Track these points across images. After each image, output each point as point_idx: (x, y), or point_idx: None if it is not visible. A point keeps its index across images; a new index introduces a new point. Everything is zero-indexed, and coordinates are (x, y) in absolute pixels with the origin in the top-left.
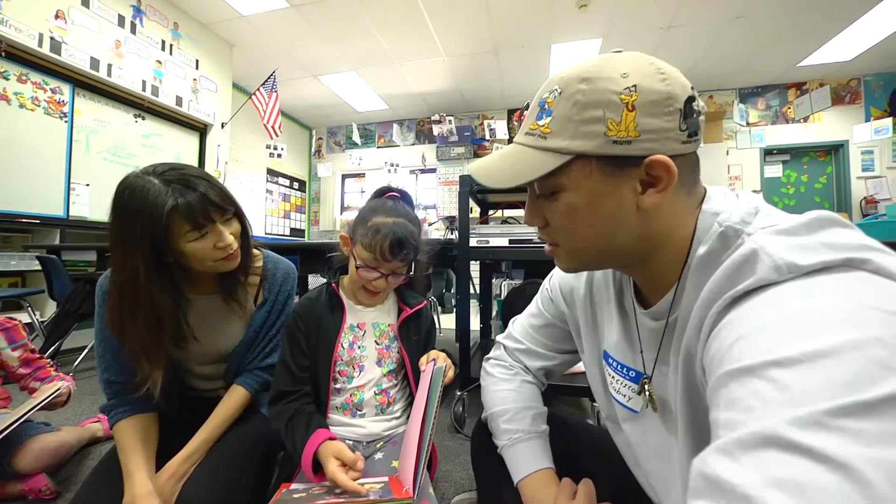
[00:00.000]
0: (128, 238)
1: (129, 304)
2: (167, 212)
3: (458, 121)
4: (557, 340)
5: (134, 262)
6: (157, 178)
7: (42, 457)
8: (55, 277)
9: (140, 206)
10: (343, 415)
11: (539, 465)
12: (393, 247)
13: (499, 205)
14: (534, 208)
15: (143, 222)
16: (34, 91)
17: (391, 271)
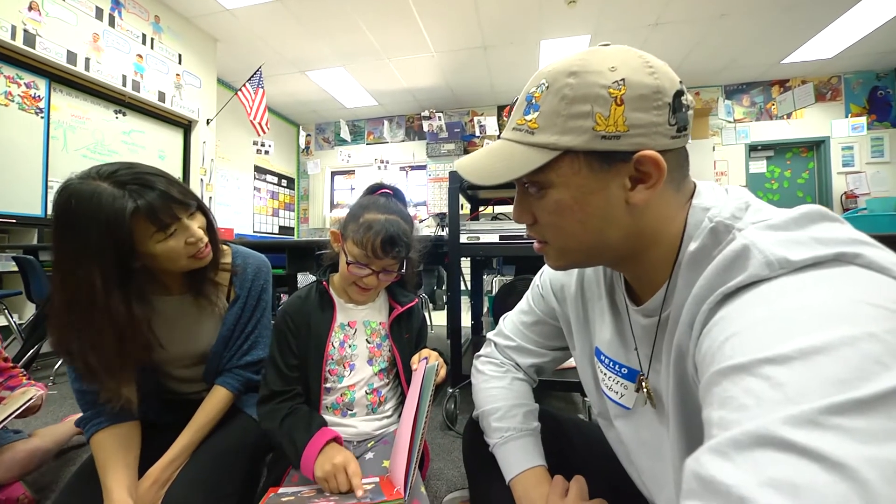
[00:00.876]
0: (79, 250)
1: (83, 322)
2: (129, 216)
3: (447, 117)
4: (548, 337)
5: (88, 276)
6: (106, 182)
7: (12, 466)
8: (32, 279)
9: (93, 214)
10: (334, 415)
11: (530, 463)
12: (385, 244)
13: (489, 201)
14: (522, 205)
15: (99, 231)
16: (7, 85)
17: (382, 268)
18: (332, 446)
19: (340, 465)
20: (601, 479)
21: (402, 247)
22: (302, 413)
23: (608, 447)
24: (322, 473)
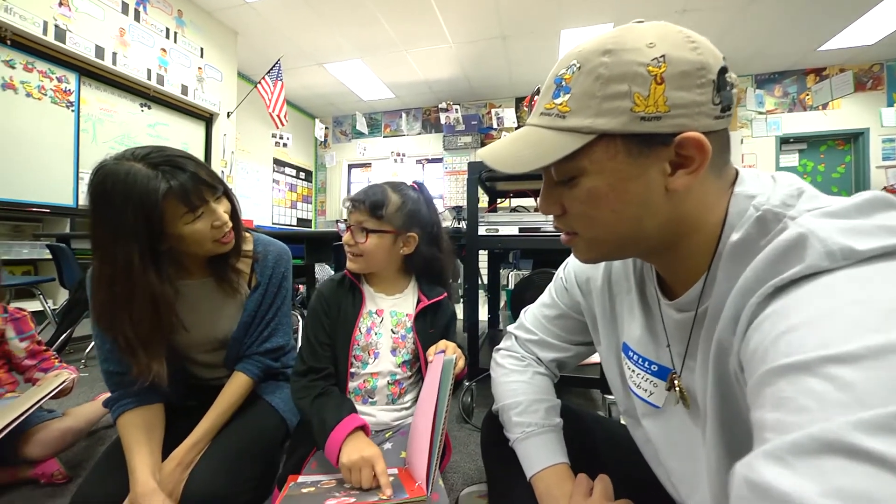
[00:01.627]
0: (116, 228)
1: (124, 298)
2: (161, 196)
3: (464, 109)
4: (571, 332)
5: (127, 253)
6: (139, 163)
7: (48, 444)
8: (65, 266)
9: (128, 194)
10: (355, 401)
11: (553, 460)
12: (355, 197)
13: (507, 193)
14: (550, 195)
15: (134, 210)
16: (40, 80)
17: (354, 223)
18: (360, 435)
19: (368, 460)
20: (626, 478)
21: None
22: (334, 395)
23: (633, 446)
24: (348, 462)
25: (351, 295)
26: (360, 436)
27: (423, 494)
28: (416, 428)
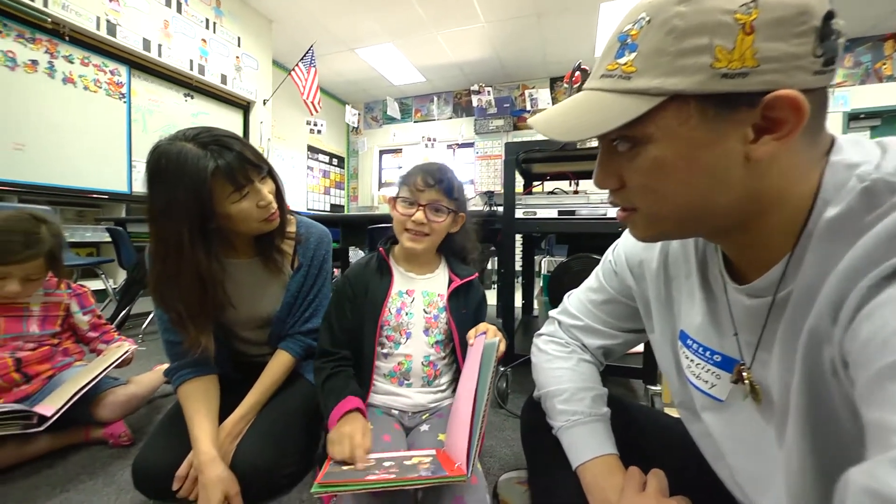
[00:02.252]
0: (169, 205)
1: (174, 273)
2: (210, 175)
3: (496, 92)
4: (620, 318)
5: (177, 230)
6: (190, 143)
7: (115, 408)
8: (122, 248)
9: (180, 172)
10: (391, 383)
11: (601, 451)
12: (426, 175)
13: (544, 176)
14: (607, 166)
15: (185, 188)
16: (96, 73)
17: (428, 202)
18: (353, 416)
19: (346, 434)
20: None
21: (446, 181)
22: (340, 377)
23: (688, 440)
24: (330, 437)
25: (379, 275)
26: (352, 416)
27: (463, 474)
28: (457, 410)
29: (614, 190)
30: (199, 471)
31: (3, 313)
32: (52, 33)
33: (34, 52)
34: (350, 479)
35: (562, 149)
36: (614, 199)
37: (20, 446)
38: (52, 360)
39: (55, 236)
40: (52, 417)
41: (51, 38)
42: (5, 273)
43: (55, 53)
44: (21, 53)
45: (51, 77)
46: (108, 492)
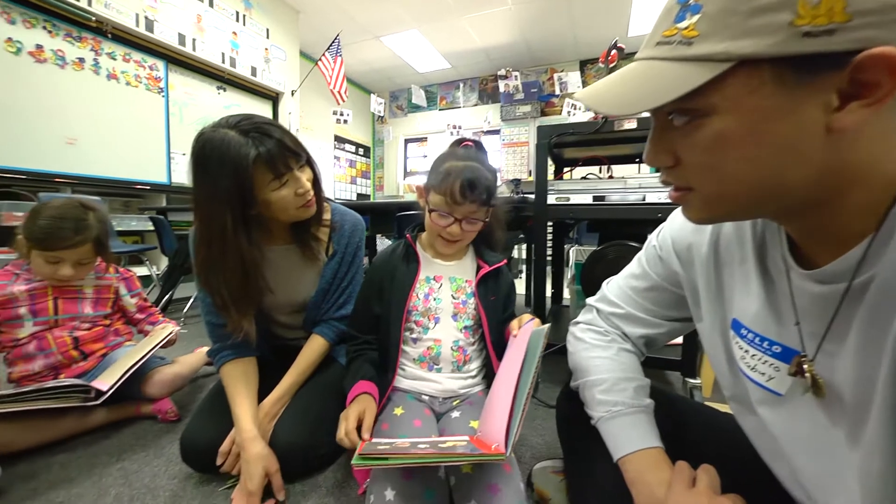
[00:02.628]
0: (213, 192)
1: (217, 258)
2: (251, 162)
3: (523, 77)
4: (665, 306)
5: (221, 216)
6: (232, 130)
7: (163, 385)
8: (164, 235)
9: (223, 159)
10: (420, 367)
11: (646, 443)
12: (464, 188)
13: (576, 162)
14: (661, 142)
15: (227, 175)
16: (136, 69)
17: (465, 216)
18: (361, 398)
19: (343, 415)
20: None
21: (483, 191)
22: (360, 361)
23: (739, 436)
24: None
25: (406, 262)
26: (359, 399)
27: (501, 453)
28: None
29: (668, 168)
30: (242, 448)
31: (60, 295)
32: (97, 31)
33: (81, 51)
34: (388, 452)
35: (596, 132)
36: (667, 177)
37: (81, 418)
38: (105, 339)
39: (101, 223)
40: (107, 392)
41: (95, 36)
42: (59, 258)
43: (99, 51)
44: (69, 52)
45: (96, 74)
46: (159, 463)
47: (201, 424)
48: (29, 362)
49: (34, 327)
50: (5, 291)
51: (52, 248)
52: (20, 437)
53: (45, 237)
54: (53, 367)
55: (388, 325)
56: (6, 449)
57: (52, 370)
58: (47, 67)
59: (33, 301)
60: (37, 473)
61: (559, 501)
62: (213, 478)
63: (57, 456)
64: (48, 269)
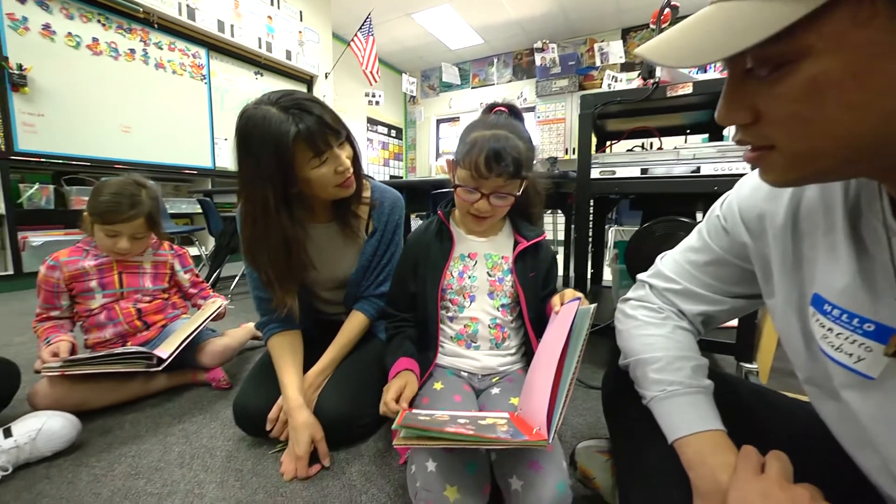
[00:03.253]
0: (256, 170)
1: (262, 235)
2: (291, 139)
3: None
4: (728, 281)
5: (264, 194)
6: (273, 106)
7: (214, 355)
8: (211, 217)
9: (264, 137)
10: (458, 345)
11: (706, 425)
12: (489, 160)
13: (620, 134)
14: (737, 96)
15: (269, 152)
16: (181, 57)
17: (493, 190)
18: (402, 374)
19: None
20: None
21: (510, 162)
22: (399, 339)
23: (811, 422)
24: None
25: (439, 240)
26: (402, 374)
27: (543, 439)
28: (537, 372)
29: (745, 126)
30: (289, 415)
31: (124, 270)
32: (144, 22)
33: (131, 42)
34: (429, 426)
35: (646, 99)
36: (743, 136)
37: (145, 382)
38: (164, 311)
39: (153, 199)
40: (167, 359)
41: (143, 27)
42: (116, 231)
43: (147, 41)
44: (121, 43)
45: (145, 63)
46: (215, 426)
47: (251, 392)
48: (101, 330)
49: (104, 299)
50: (77, 266)
51: (111, 222)
52: (95, 396)
53: (104, 212)
54: (122, 336)
55: (426, 304)
56: (84, 407)
57: (120, 338)
58: (103, 59)
59: (101, 275)
60: (111, 429)
61: (604, 482)
62: (263, 441)
63: (127, 415)
64: (108, 243)
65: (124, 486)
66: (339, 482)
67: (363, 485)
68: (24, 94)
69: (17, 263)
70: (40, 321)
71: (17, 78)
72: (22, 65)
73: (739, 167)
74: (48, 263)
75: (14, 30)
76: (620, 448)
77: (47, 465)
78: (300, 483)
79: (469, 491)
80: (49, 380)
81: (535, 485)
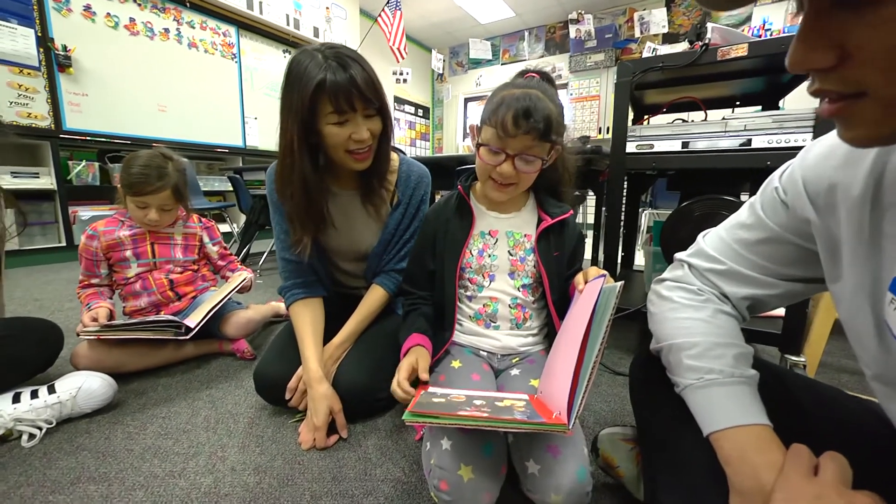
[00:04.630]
0: (288, 105)
1: (288, 170)
2: (315, 86)
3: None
4: (784, 262)
5: (290, 130)
6: (319, 53)
7: (238, 326)
8: (241, 194)
9: (299, 76)
10: (477, 325)
11: (749, 419)
12: (517, 116)
13: (659, 108)
14: (820, 30)
15: (298, 92)
16: (212, 36)
17: (519, 151)
18: (415, 349)
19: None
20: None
21: (539, 119)
22: (414, 315)
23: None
24: None
25: (459, 216)
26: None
27: (563, 423)
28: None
29: (825, 71)
30: (308, 385)
31: (156, 241)
32: (177, 1)
33: (165, 21)
34: (441, 411)
35: (692, 64)
36: (823, 84)
37: (176, 350)
38: (195, 283)
39: (179, 172)
40: (194, 328)
41: (176, 6)
42: (145, 203)
43: (181, 20)
44: (156, 23)
45: (179, 43)
46: (239, 394)
47: (272, 362)
48: (137, 299)
49: (138, 268)
50: (113, 236)
51: (139, 194)
52: (130, 360)
53: (132, 183)
54: (155, 305)
55: (443, 282)
56: (121, 369)
57: (154, 307)
58: (140, 39)
59: (136, 245)
60: (145, 391)
61: (628, 471)
62: (283, 410)
63: (160, 379)
64: (139, 214)
65: (154, 444)
66: (355, 454)
67: (378, 458)
68: (70, 74)
69: (69, 236)
70: (82, 288)
71: (62, 59)
72: (66, 46)
73: (800, 139)
74: (87, 233)
75: (58, 11)
76: (649, 437)
77: (87, 420)
78: (317, 453)
79: (484, 471)
80: (88, 343)
81: (553, 470)
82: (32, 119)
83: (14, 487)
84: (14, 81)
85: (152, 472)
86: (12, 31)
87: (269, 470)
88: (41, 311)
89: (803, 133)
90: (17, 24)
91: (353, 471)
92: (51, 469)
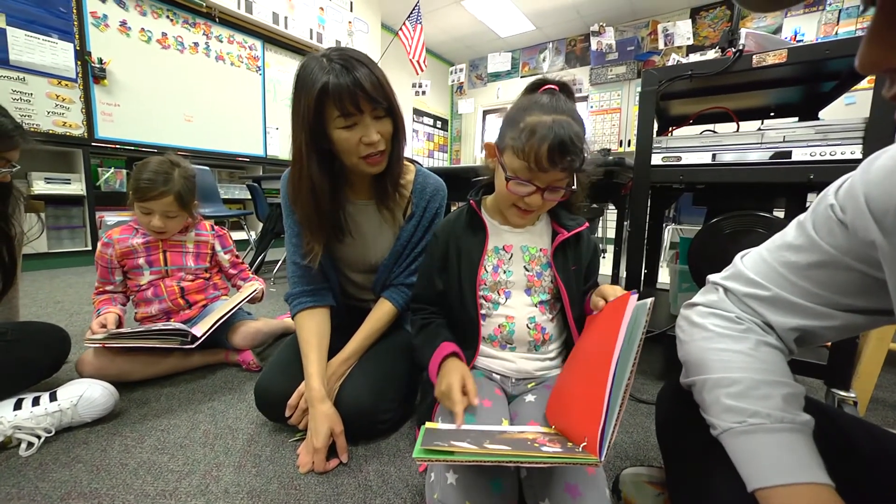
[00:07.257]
0: (296, 110)
1: (297, 177)
2: (318, 90)
3: (618, 33)
4: (842, 290)
5: (298, 136)
6: (325, 57)
7: (245, 337)
8: (258, 202)
9: (305, 81)
10: (492, 346)
11: (808, 476)
12: (552, 152)
13: (686, 119)
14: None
15: (303, 97)
16: (238, 50)
17: (549, 184)
18: (450, 362)
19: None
20: None
21: (575, 155)
22: (430, 328)
23: None
24: (439, 393)
25: (472, 231)
26: (450, 365)
27: (594, 455)
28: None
29: None
30: (310, 404)
31: (168, 249)
32: (207, 16)
33: (195, 36)
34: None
35: (724, 71)
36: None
37: (182, 359)
38: (206, 292)
39: (185, 178)
40: (201, 338)
41: (206, 21)
42: (149, 209)
43: (209, 34)
44: (186, 37)
45: (207, 56)
46: (242, 407)
47: (274, 376)
48: (148, 305)
49: (151, 276)
50: (128, 244)
51: (143, 199)
52: (135, 369)
53: (138, 189)
54: (166, 312)
55: (462, 302)
56: (125, 378)
57: (165, 314)
58: (170, 53)
59: (148, 253)
60: (148, 401)
61: None
62: (284, 428)
63: (164, 389)
64: (144, 220)
65: (149, 459)
66: (355, 480)
67: (379, 486)
68: (104, 85)
69: (95, 240)
70: (97, 294)
71: (97, 71)
72: (102, 59)
73: (847, 151)
74: (103, 241)
75: (96, 27)
76: (679, 484)
77: (87, 430)
78: (315, 477)
79: None
80: (94, 350)
81: None
82: (67, 128)
83: (5, 500)
84: (52, 92)
85: (143, 491)
86: (53, 45)
87: (264, 495)
88: (60, 314)
89: (851, 145)
90: (58, 38)
91: (351, 499)
92: (43, 482)
